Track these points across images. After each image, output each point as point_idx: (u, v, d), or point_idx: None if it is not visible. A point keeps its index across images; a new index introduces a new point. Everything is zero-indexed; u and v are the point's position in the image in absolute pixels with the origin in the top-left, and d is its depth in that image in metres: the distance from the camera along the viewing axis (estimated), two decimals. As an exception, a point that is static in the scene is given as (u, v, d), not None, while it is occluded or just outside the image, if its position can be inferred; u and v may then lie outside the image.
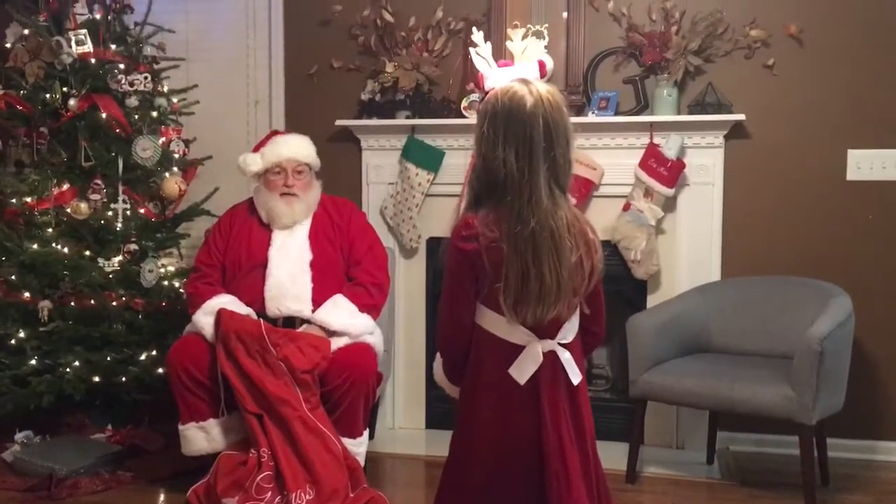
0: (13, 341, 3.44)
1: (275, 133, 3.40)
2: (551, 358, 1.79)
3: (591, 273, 1.78)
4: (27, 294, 3.45)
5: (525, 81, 1.78)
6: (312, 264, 3.18)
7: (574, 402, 1.83)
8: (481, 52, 1.98)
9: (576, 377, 1.82)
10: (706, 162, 3.57)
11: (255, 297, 3.12)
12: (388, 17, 3.82)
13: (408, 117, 3.78)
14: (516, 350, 1.79)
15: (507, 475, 1.81)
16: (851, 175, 3.51)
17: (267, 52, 4.05)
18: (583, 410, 1.84)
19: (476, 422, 1.84)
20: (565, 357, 1.80)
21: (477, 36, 2.02)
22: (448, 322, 1.85)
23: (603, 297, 1.91)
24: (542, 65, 1.90)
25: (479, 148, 1.77)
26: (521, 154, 1.71)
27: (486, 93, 1.82)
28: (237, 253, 3.25)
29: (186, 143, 3.80)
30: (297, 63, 4.00)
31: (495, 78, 1.84)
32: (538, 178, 1.71)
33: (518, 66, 1.90)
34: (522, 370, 1.78)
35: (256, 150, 3.32)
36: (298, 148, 3.28)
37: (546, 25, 3.48)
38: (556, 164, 1.74)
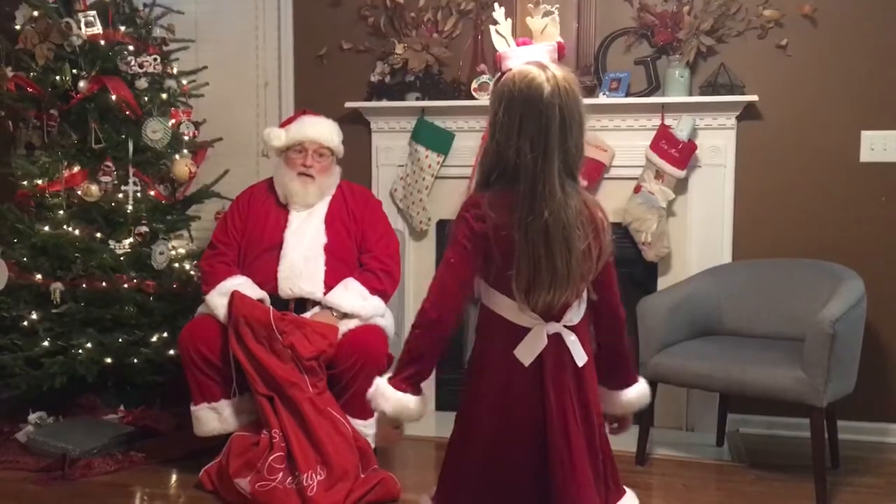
0: (26, 323, 3.46)
1: (304, 112, 3.40)
2: (556, 340, 1.79)
3: (599, 257, 1.77)
4: (39, 276, 3.46)
5: (542, 66, 1.75)
6: (326, 248, 3.19)
7: (580, 383, 1.82)
8: (501, 31, 1.94)
9: (581, 359, 1.81)
10: (718, 143, 3.54)
11: (268, 278, 3.13)
12: (397, -3, 3.80)
13: (417, 99, 3.76)
14: (522, 332, 1.79)
15: (512, 455, 1.81)
16: (865, 157, 3.48)
17: (276, 33, 4.03)
18: (589, 392, 1.84)
19: (480, 402, 1.84)
20: (570, 339, 1.80)
21: (498, 13, 1.97)
22: (439, 289, 1.79)
23: (615, 277, 1.90)
24: (560, 46, 1.86)
25: (493, 132, 1.75)
26: (536, 144, 1.70)
27: (503, 73, 1.79)
28: (253, 232, 3.26)
29: (196, 125, 3.80)
30: (306, 44, 3.99)
31: (514, 59, 1.81)
32: (552, 168, 1.70)
33: (537, 46, 1.86)
34: (527, 352, 1.78)
35: (283, 126, 3.33)
36: (323, 130, 3.29)
37: (557, 6, 3.42)
38: (568, 153, 1.73)
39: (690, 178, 3.55)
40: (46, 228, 3.47)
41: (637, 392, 1.96)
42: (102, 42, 3.54)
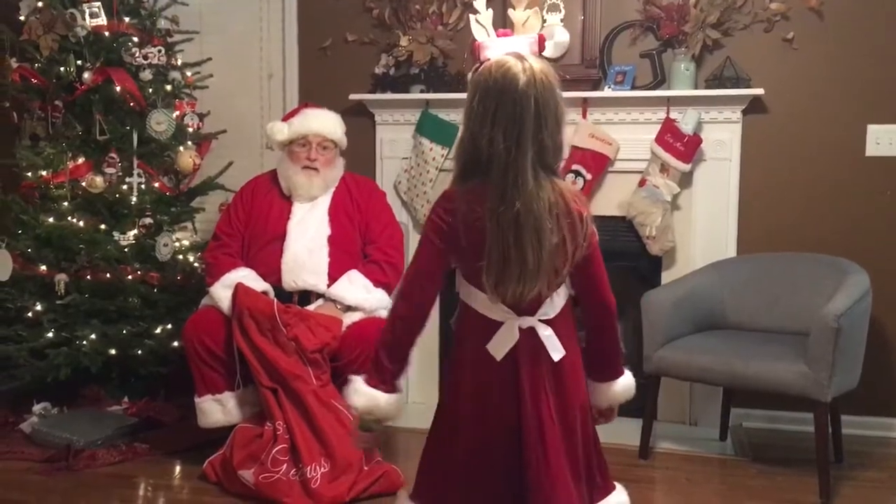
0: (30, 314, 3.47)
1: (306, 105, 3.39)
2: (531, 334, 1.78)
3: (575, 250, 1.74)
4: (43, 267, 3.47)
5: (520, 57, 1.73)
6: (330, 239, 3.19)
7: (559, 378, 1.80)
8: (481, 20, 1.92)
9: (556, 353, 1.79)
10: (723, 137, 3.53)
11: (272, 269, 3.13)
12: (402, -11, 3.79)
13: (422, 91, 3.75)
14: (496, 326, 1.78)
15: (488, 449, 1.80)
16: (871, 150, 3.47)
17: (280, 25, 4.02)
18: (568, 386, 1.81)
19: (458, 396, 1.84)
20: (545, 334, 1.78)
21: (479, 2, 1.96)
22: (407, 283, 1.83)
23: (600, 268, 1.84)
24: (541, 38, 1.84)
25: (468, 122, 1.74)
26: (509, 134, 1.68)
27: (481, 63, 1.78)
28: (257, 224, 3.26)
29: (200, 116, 3.80)
30: (310, 36, 3.98)
31: (493, 49, 1.80)
32: (525, 160, 1.68)
33: (517, 38, 1.84)
34: (499, 346, 1.77)
35: (286, 119, 3.32)
36: (326, 123, 3.28)
37: (562, -2, 3.44)
38: (543, 146, 1.70)
39: (695, 171, 3.55)
40: (51, 220, 3.47)
41: (622, 385, 1.94)
42: (107, 33, 3.54)
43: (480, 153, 1.71)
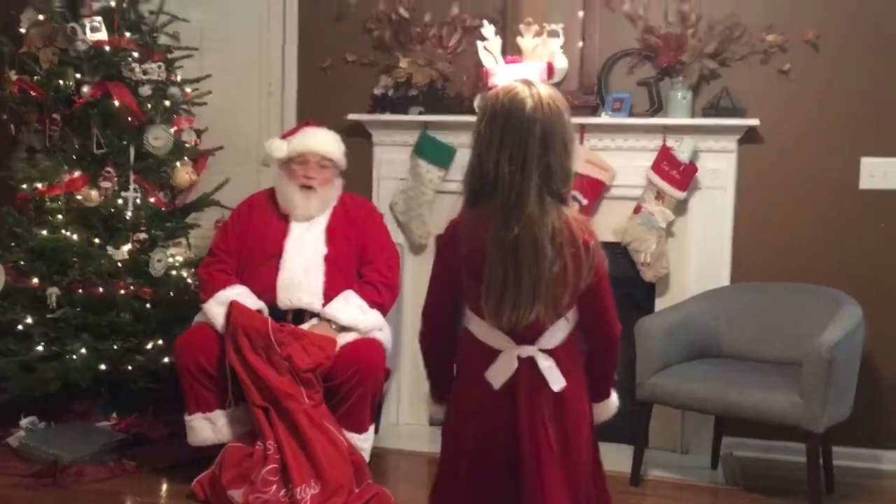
0: (21, 327, 3.44)
1: (306, 124, 3.40)
2: (531, 363, 1.77)
3: (578, 281, 1.73)
4: (35, 280, 3.45)
5: (528, 83, 1.75)
6: (326, 259, 3.19)
7: (560, 407, 1.79)
8: (489, 47, 1.95)
9: (556, 384, 1.77)
10: (719, 166, 3.56)
11: (267, 287, 3.13)
12: (403, 12, 3.81)
13: (420, 113, 3.77)
14: (495, 354, 1.78)
15: (489, 475, 1.80)
16: (864, 183, 3.50)
17: (280, 44, 4.04)
18: (567, 416, 1.80)
19: (460, 421, 1.85)
20: (545, 364, 1.77)
21: (487, 29, 1.98)
22: (424, 313, 1.91)
23: (608, 297, 1.84)
24: (549, 67, 1.87)
25: (476, 146, 1.76)
26: (515, 158, 1.69)
27: (489, 88, 1.80)
28: (253, 242, 3.25)
29: (198, 133, 3.80)
30: (310, 56, 3.99)
31: (501, 75, 1.82)
32: (529, 184, 1.69)
33: (525, 65, 1.87)
34: (497, 375, 1.77)
35: (285, 137, 3.32)
36: (325, 142, 3.29)
37: (562, 25, 3.46)
38: (549, 171, 1.71)
39: (691, 199, 3.56)
40: (45, 232, 3.45)
41: (608, 406, 1.97)
42: (107, 48, 3.54)
43: (488, 177, 1.72)
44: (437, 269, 1.87)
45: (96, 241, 3.51)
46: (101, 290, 3.44)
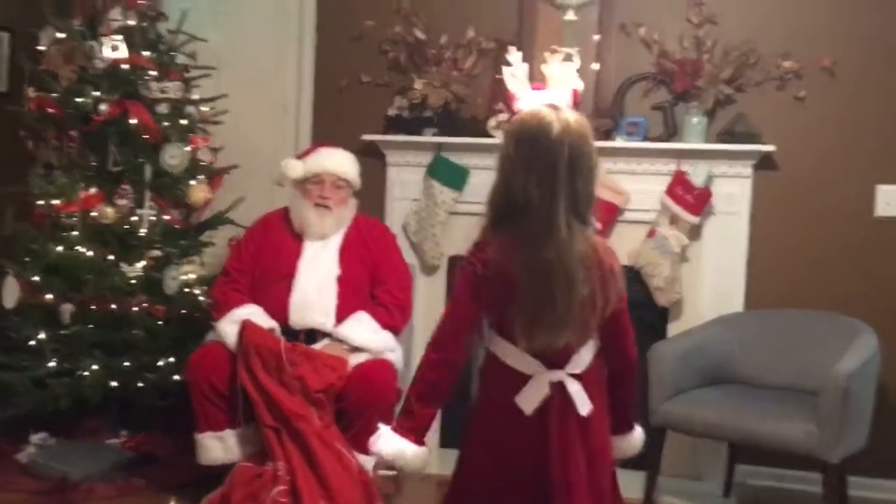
0: (33, 342, 3.44)
1: (321, 144, 3.41)
2: (560, 388, 1.77)
3: (605, 305, 1.75)
4: (50, 296, 3.45)
5: (555, 107, 1.77)
6: (339, 279, 3.19)
7: (587, 431, 1.79)
8: (516, 73, 1.97)
9: (584, 408, 1.78)
10: (733, 191, 3.55)
11: (280, 307, 3.13)
12: (419, 34, 3.83)
13: (435, 135, 3.78)
14: (525, 379, 1.77)
15: (513, 499, 1.79)
16: (880, 211, 3.48)
17: (297, 64, 4.07)
18: (596, 442, 1.81)
19: (483, 447, 1.83)
20: (573, 388, 1.78)
21: (514, 56, 2.00)
22: (439, 334, 1.84)
23: (627, 322, 1.88)
24: (575, 93, 1.89)
25: (502, 169, 1.77)
26: (543, 181, 1.70)
27: (515, 113, 1.81)
28: (267, 261, 3.26)
29: (214, 151, 3.81)
30: (326, 76, 4.02)
31: (526, 100, 1.84)
32: (558, 207, 1.70)
33: (551, 91, 1.89)
34: (529, 400, 1.77)
35: (301, 157, 3.33)
36: (341, 162, 3.30)
37: (577, 49, 3.47)
38: (576, 194, 1.72)
39: (705, 224, 3.55)
40: (60, 248, 3.46)
41: (632, 440, 1.95)
42: (126, 66, 3.57)
43: (514, 200, 1.73)
44: (462, 295, 1.81)
45: (111, 257, 3.52)
46: (114, 307, 3.44)
